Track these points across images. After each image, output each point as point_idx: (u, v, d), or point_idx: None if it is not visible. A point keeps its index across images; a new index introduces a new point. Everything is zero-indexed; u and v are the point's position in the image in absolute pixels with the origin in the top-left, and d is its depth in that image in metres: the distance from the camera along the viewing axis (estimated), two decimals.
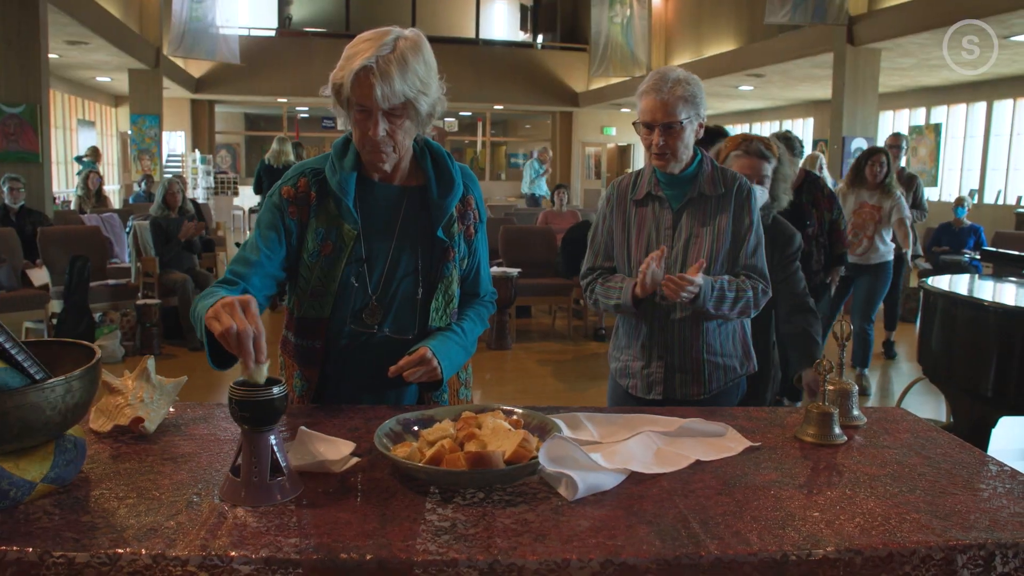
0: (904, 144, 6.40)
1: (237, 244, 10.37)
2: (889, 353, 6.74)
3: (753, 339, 2.60)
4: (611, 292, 2.27)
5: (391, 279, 1.83)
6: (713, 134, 3.86)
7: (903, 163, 6.52)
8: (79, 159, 12.34)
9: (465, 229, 1.89)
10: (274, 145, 8.58)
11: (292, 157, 8.53)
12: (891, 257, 5.52)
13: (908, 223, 5.51)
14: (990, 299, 3.45)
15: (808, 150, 6.71)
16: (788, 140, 4.22)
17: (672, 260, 2.23)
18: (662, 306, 2.21)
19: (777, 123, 18.98)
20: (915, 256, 6.32)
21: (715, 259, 2.21)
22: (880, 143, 6.62)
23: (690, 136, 2.18)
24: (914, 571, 1.20)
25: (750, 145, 2.63)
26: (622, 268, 2.32)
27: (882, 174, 5.39)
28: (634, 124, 2.23)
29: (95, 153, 12.18)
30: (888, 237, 5.48)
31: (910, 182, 6.33)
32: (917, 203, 6.29)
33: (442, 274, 1.85)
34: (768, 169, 2.64)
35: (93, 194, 9.80)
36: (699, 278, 2.08)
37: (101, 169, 11.84)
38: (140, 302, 6.48)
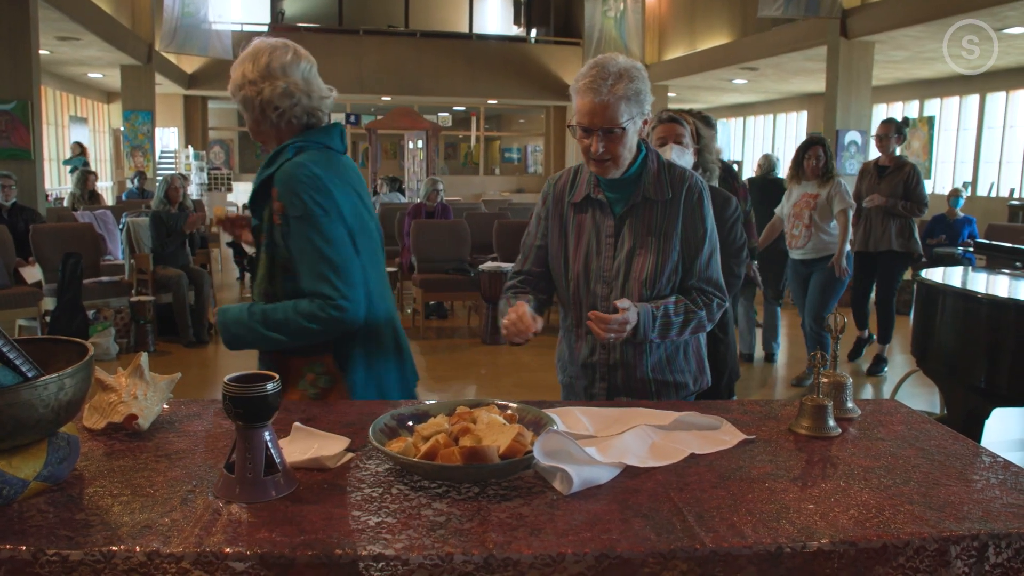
0: (893, 132, 5.81)
1: (228, 244, 10.35)
2: (877, 368, 6.00)
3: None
4: (504, 311, 2.02)
5: None
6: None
7: (898, 151, 5.89)
8: (70, 163, 12.28)
9: (272, 216, 1.96)
10: None
11: None
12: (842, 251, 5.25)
13: (850, 215, 5.19)
14: (983, 291, 3.46)
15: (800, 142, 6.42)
16: (702, 116, 4.15)
17: (613, 274, 2.01)
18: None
19: (771, 116, 18.99)
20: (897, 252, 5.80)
21: (661, 273, 1.99)
22: (874, 136, 6.29)
23: (633, 138, 1.94)
24: (908, 562, 1.20)
25: (661, 113, 2.78)
26: (559, 280, 2.10)
27: (819, 166, 5.25)
28: (568, 126, 1.98)
29: (81, 149, 12.12)
30: (832, 227, 5.24)
31: (901, 168, 5.74)
32: (908, 193, 5.68)
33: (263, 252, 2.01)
34: (685, 134, 2.71)
35: (87, 193, 9.77)
36: (631, 313, 1.87)
37: (92, 165, 11.81)
38: (134, 299, 6.46)
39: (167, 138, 18.28)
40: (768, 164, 7.38)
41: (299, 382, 2.01)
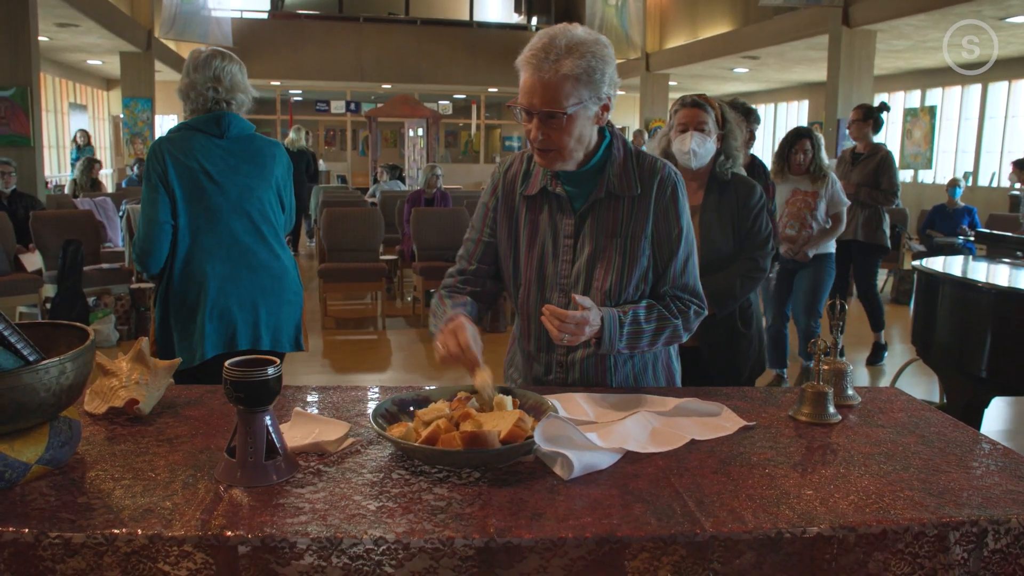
0: (862, 117, 5.62)
1: None
2: (877, 357, 5.90)
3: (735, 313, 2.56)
4: (438, 313, 1.79)
5: None
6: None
7: (875, 138, 5.73)
8: (78, 149, 12.27)
9: None
10: (291, 135, 10.97)
11: (304, 142, 10.80)
12: (833, 248, 4.96)
13: (844, 218, 4.86)
14: (984, 280, 3.46)
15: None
16: (745, 108, 3.98)
17: (572, 281, 1.77)
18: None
19: (772, 105, 18.94)
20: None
21: (628, 281, 1.75)
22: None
23: (584, 126, 1.65)
24: (907, 548, 1.21)
25: (684, 98, 2.69)
26: (509, 285, 1.86)
27: (807, 160, 4.74)
28: (508, 106, 1.72)
29: (87, 138, 12.12)
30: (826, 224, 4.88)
31: (872, 157, 5.60)
32: (879, 182, 5.51)
33: None
34: (708, 120, 2.61)
35: (90, 180, 9.75)
36: (593, 314, 1.63)
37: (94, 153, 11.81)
38: (134, 286, 6.46)
39: (167, 125, 18.21)
40: None
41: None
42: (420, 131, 16.11)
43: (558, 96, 1.59)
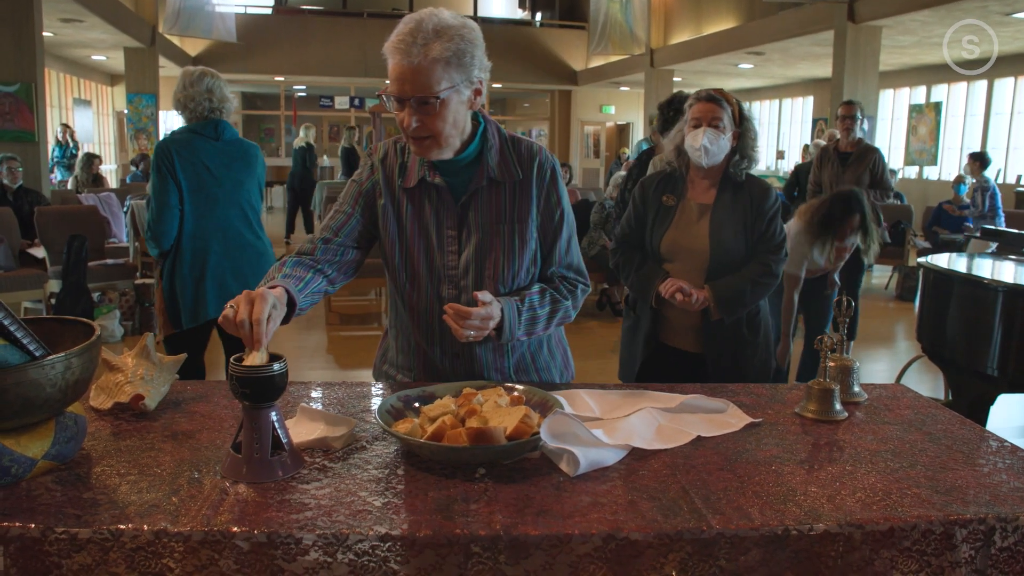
0: (858, 113, 5.63)
1: None
2: None
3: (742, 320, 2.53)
4: (269, 275, 1.64)
5: None
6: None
7: (859, 133, 5.68)
8: (59, 145, 12.23)
9: None
10: (300, 133, 11.69)
11: (304, 142, 11.58)
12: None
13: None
14: (991, 277, 3.45)
15: (807, 129, 6.08)
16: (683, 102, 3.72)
17: (460, 273, 1.74)
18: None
19: (777, 101, 18.90)
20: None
21: (519, 267, 1.75)
22: (880, 122, 6.00)
23: (458, 111, 1.62)
24: (914, 545, 1.20)
25: (700, 92, 2.59)
26: (394, 278, 1.79)
27: (855, 229, 3.92)
28: (378, 95, 1.75)
29: (67, 131, 12.09)
30: None
31: (865, 155, 5.54)
32: (876, 181, 5.48)
33: None
34: (724, 116, 2.50)
35: (91, 176, 9.76)
36: (494, 308, 1.62)
37: (96, 149, 11.77)
38: (139, 281, 6.47)
39: (171, 121, 18.23)
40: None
41: None
42: None
43: (429, 81, 1.55)
